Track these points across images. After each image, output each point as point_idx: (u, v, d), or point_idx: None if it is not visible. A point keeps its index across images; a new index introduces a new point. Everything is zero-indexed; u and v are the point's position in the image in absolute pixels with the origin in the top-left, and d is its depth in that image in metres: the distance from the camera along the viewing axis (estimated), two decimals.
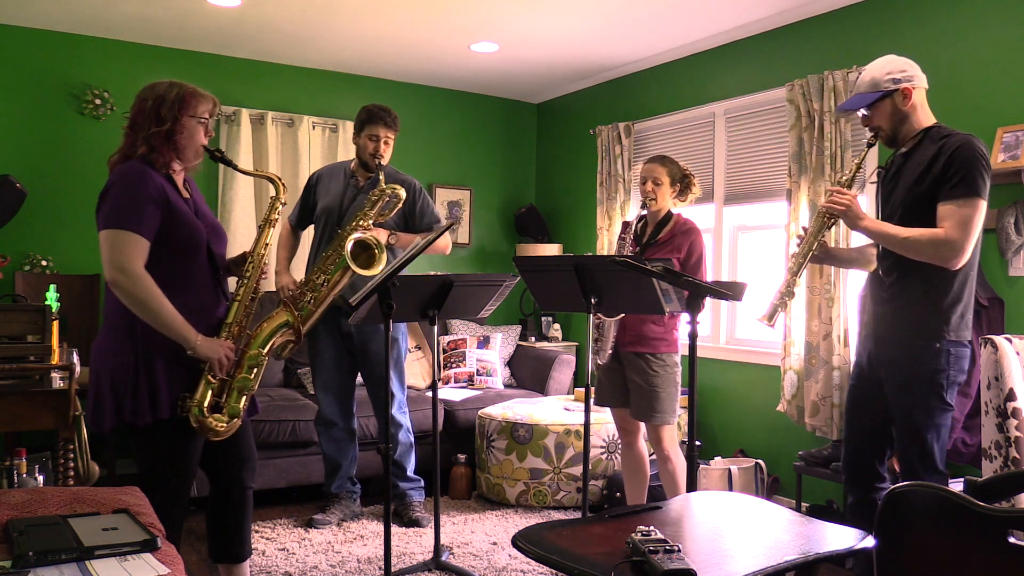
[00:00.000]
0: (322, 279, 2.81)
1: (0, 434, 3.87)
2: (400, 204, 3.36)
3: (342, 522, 3.80)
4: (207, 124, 2.37)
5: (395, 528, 3.73)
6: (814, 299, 3.87)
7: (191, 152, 2.35)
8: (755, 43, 4.40)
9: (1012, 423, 2.55)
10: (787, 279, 2.58)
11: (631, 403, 3.35)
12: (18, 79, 4.52)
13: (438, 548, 3.24)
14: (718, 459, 4.12)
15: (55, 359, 3.07)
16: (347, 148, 5.21)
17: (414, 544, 3.57)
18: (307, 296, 2.75)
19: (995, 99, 3.33)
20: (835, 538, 1.85)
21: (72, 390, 2.83)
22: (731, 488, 3.86)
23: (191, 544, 3.41)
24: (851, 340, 3.76)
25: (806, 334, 3.91)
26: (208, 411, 2.27)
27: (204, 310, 2.34)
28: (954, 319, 2.40)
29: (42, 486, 2.89)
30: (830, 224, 2.58)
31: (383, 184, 3.30)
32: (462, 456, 4.40)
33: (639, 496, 3.50)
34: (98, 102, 4.66)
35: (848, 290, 3.79)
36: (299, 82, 5.28)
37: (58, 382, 2.96)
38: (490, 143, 6.05)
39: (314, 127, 5.21)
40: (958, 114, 3.40)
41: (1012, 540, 1.45)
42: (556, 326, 5.77)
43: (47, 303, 3.20)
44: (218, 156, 2.42)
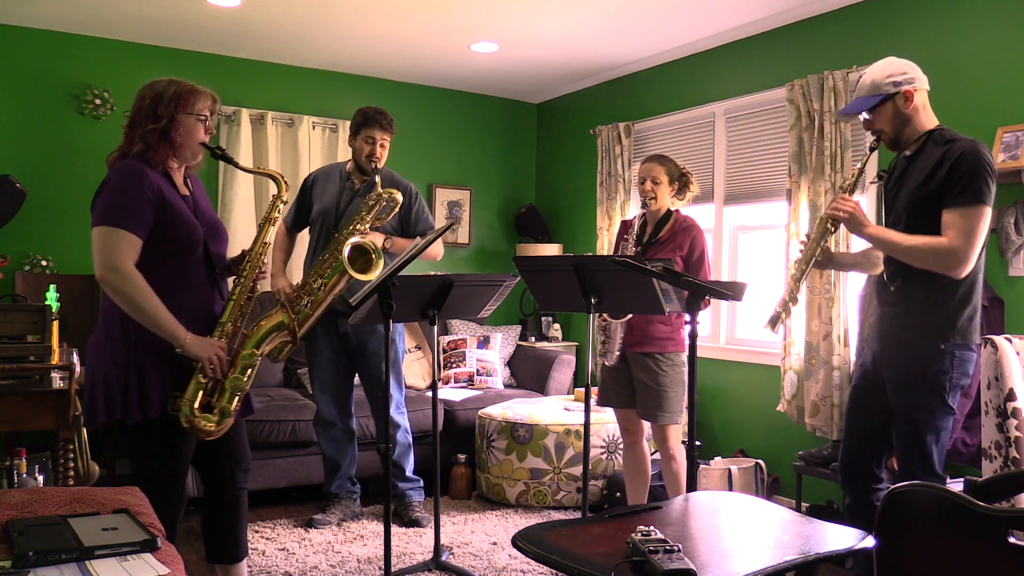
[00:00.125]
0: (319, 283, 2.80)
1: (0, 434, 3.87)
2: (397, 208, 3.36)
3: (342, 522, 3.80)
4: (206, 121, 2.35)
5: (395, 528, 3.73)
6: (814, 299, 3.87)
7: (189, 149, 2.34)
8: (755, 43, 4.40)
9: (1012, 423, 2.55)
10: (790, 286, 2.57)
11: (638, 403, 3.36)
12: (18, 79, 4.52)
13: (438, 548, 3.24)
14: (718, 459, 4.12)
15: (55, 359, 3.07)
16: (347, 148, 5.17)
17: (414, 544, 3.57)
18: (304, 300, 2.74)
19: (995, 99, 3.33)
20: (835, 538, 1.85)
21: (72, 390, 2.83)
22: (731, 488, 3.86)
23: (191, 544, 3.41)
24: (851, 340, 3.77)
25: (806, 334, 3.91)
26: (198, 411, 2.25)
27: (199, 308, 2.33)
28: (961, 322, 2.39)
29: (42, 486, 2.89)
30: (833, 230, 2.57)
31: (380, 188, 3.30)
32: (462, 456, 4.40)
33: (640, 496, 3.50)
34: (98, 102, 4.67)
35: (848, 290, 3.79)
36: (299, 82, 5.28)
37: (58, 382, 2.96)
38: (490, 143, 6.05)
39: (314, 127, 5.21)
40: (958, 114, 3.40)
41: (1012, 540, 1.45)
42: (556, 326, 5.77)
43: (47, 303, 3.20)
44: (219, 154, 2.41)
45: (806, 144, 3.92)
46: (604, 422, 4.19)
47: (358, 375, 3.84)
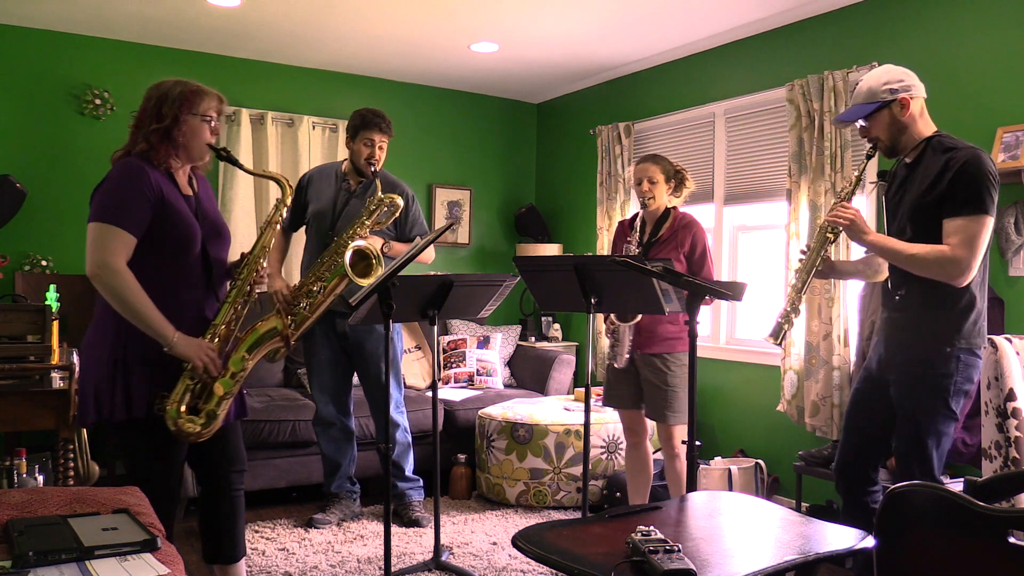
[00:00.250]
0: (318, 285, 2.80)
1: (0, 434, 3.87)
2: (397, 213, 3.36)
3: (342, 522, 3.80)
4: (211, 122, 2.35)
5: (395, 528, 3.73)
6: (814, 299, 3.87)
7: (194, 150, 2.34)
8: (755, 43, 4.40)
9: (1012, 423, 2.55)
10: (791, 296, 2.57)
11: (646, 404, 3.37)
12: (18, 79, 4.52)
13: (438, 548, 3.24)
14: (718, 459, 4.12)
15: (55, 359, 3.07)
16: (347, 149, 5.20)
17: (414, 544, 3.57)
18: (303, 303, 2.73)
19: (995, 99, 3.32)
20: (835, 538, 1.85)
21: (72, 390, 2.83)
22: (731, 488, 3.86)
23: (191, 544, 3.41)
24: (851, 340, 3.77)
25: (806, 334, 3.91)
26: (185, 412, 2.23)
27: (192, 309, 2.32)
28: (967, 326, 2.39)
29: (42, 486, 2.89)
30: (833, 239, 2.56)
31: (381, 194, 3.30)
32: (462, 456, 4.40)
33: (642, 496, 3.51)
34: (98, 102, 4.66)
35: (848, 290, 3.79)
36: (299, 82, 5.28)
37: (58, 382, 2.96)
38: (490, 143, 6.05)
39: (314, 127, 5.21)
40: (958, 114, 3.40)
41: (1012, 540, 1.45)
42: (556, 326, 5.77)
43: (47, 303, 3.21)
44: (224, 155, 2.41)
45: (806, 144, 3.92)
46: (604, 422, 4.19)
47: (357, 375, 3.83)
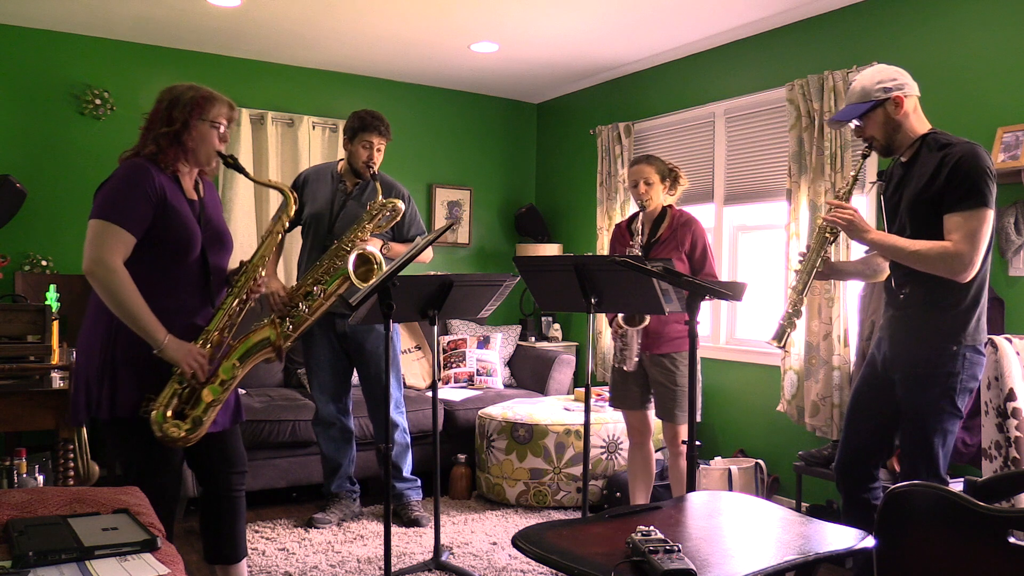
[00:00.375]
0: (317, 288, 2.80)
1: (0, 434, 3.87)
2: (398, 218, 3.36)
3: (342, 522, 3.80)
4: (220, 128, 2.36)
5: (395, 528, 3.73)
6: (814, 299, 3.86)
7: (202, 155, 2.35)
8: (755, 43, 4.40)
9: (1012, 423, 2.55)
10: (792, 299, 2.56)
11: (656, 403, 3.39)
12: (18, 79, 4.52)
13: (438, 548, 3.24)
14: (718, 459, 4.12)
15: (55, 359, 3.08)
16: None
17: (414, 544, 3.57)
18: (300, 305, 2.73)
19: (995, 99, 3.32)
20: (835, 538, 1.85)
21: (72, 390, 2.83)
22: (731, 488, 3.86)
23: (191, 544, 3.41)
24: (851, 340, 3.77)
25: (806, 334, 3.91)
26: (171, 417, 2.22)
27: (185, 313, 2.32)
28: (971, 324, 2.39)
29: (42, 486, 2.89)
30: (832, 239, 2.56)
31: (381, 199, 3.30)
32: (462, 456, 4.40)
33: (643, 496, 3.52)
34: (98, 102, 4.66)
35: (848, 290, 3.79)
36: (299, 82, 5.28)
37: (58, 382, 2.96)
38: (490, 143, 6.05)
39: (314, 127, 5.21)
40: (958, 114, 3.40)
41: (1012, 540, 1.45)
42: (556, 326, 5.78)
43: (47, 303, 3.21)
44: (231, 163, 2.41)
45: (806, 144, 3.92)
46: (604, 422, 4.19)
47: (357, 374, 3.83)
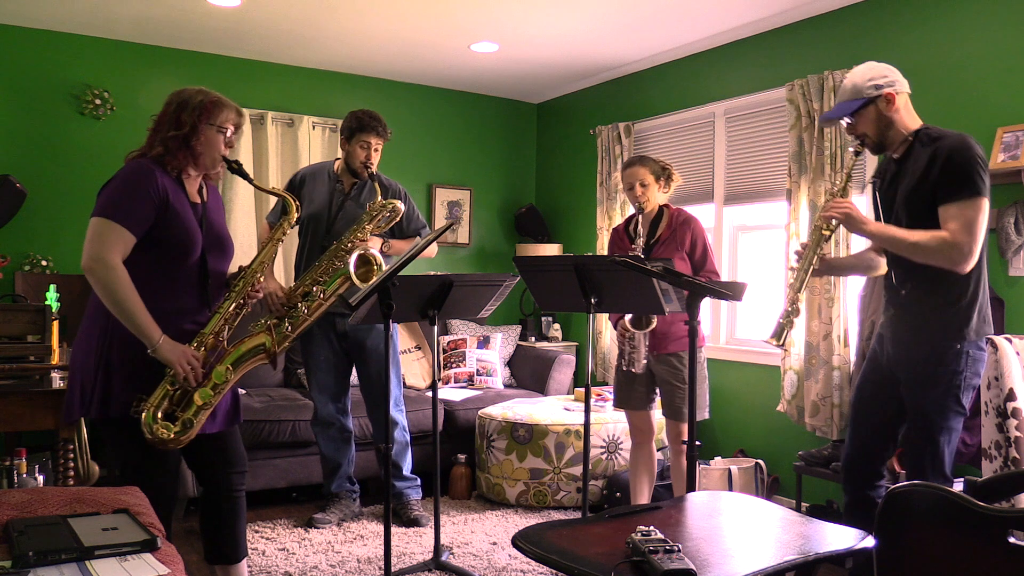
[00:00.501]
0: (317, 288, 2.80)
1: (0, 434, 3.87)
2: (398, 218, 3.37)
3: (342, 522, 3.80)
4: (227, 133, 2.36)
5: (395, 528, 3.73)
6: (814, 299, 3.87)
7: (208, 159, 2.36)
8: (755, 43, 4.40)
9: (1012, 423, 2.55)
10: (790, 296, 2.56)
11: (663, 403, 3.40)
12: (18, 79, 4.52)
13: (438, 548, 3.24)
14: (718, 459, 4.12)
15: (55, 359, 3.08)
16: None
17: (414, 544, 3.57)
18: (299, 305, 2.73)
19: (995, 99, 3.32)
20: (835, 538, 1.85)
21: None
22: (731, 488, 3.86)
23: (191, 544, 3.41)
24: (851, 340, 3.76)
25: (806, 334, 3.91)
26: (160, 418, 2.22)
27: (181, 316, 2.32)
28: (974, 319, 2.40)
29: (42, 486, 2.89)
30: (828, 236, 2.57)
31: (380, 199, 3.30)
32: (462, 456, 4.40)
33: (645, 497, 3.52)
34: (98, 102, 4.66)
35: (848, 290, 3.79)
36: (299, 82, 5.27)
37: (58, 382, 2.96)
38: (490, 143, 6.05)
39: (314, 127, 5.21)
40: (958, 114, 3.40)
41: (1012, 540, 1.45)
42: (556, 326, 5.77)
43: (47, 303, 3.21)
44: (235, 168, 2.42)
45: (806, 144, 3.92)
46: (604, 422, 4.19)
47: (357, 373, 3.83)
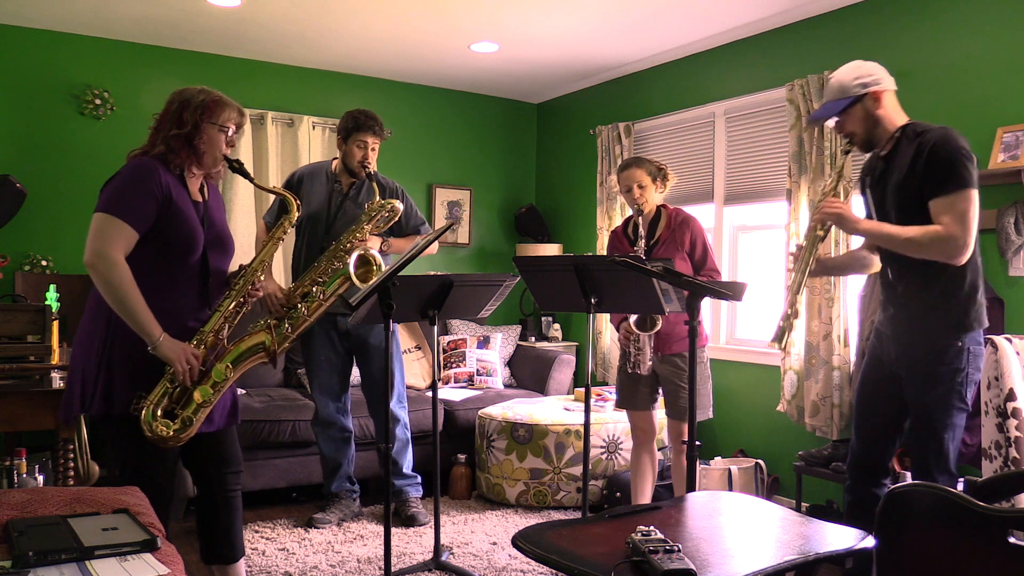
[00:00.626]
0: (316, 289, 2.80)
1: (0, 434, 3.87)
2: (396, 218, 3.37)
3: (342, 522, 3.80)
4: (229, 132, 2.37)
5: (395, 528, 3.73)
6: (814, 299, 3.87)
7: (209, 158, 2.36)
8: (755, 43, 4.40)
9: (1012, 423, 2.55)
10: (789, 299, 2.57)
11: (667, 403, 3.40)
12: (18, 79, 4.52)
13: (438, 548, 3.24)
14: (718, 459, 4.12)
15: (55, 359, 3.08)
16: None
17: (414, 544, 3.57)
18: (299, 306, 2.73)
19: (995, 99, 3.32)
20: (835, 538, 1.85)
21: None
22: (731, 488, 3.86)
23: (191, 544, 3.41)
24: (851, 340, 3.76)
25: (806, 334, 3.91)
26: (160, 415, 2.22)
27: (181, 314, 2.32)
28: (972, 314, 2.41)
29: (42, 486, 2.89)
30: (823, 236, 2.58)
31: (379, 199, 3.30)
32: (462, 456, 4.40)
33: (645, 497, 3.52)
34: (98, 102, 4.66)
35: (848, 290, 3.79)
36: (299, 82, 5.27)
37: (58, 382, 2.96)
38: (490, 143, 6.05)
39: (314, 127, 5.21)
40: (958, 114, 3.40)
41: (1012, 540, 1.45)
42: (556, 326, 5.77)
43: (47, 303, 3.21)
44: (236, 167, 2.42)
45: (806, 144, 3.92)
46: (604, 422, 4.19)
47: (359, 370, 3.83)
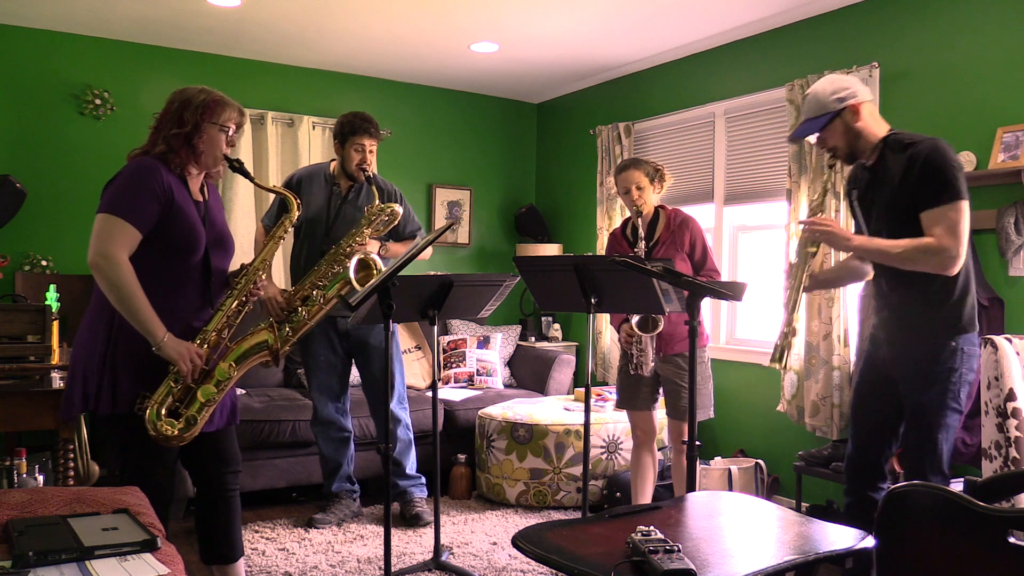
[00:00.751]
0: (316, 292, 2.80)
1: (0, 434, 3.87)
2: (395, 222, 3.37)
3: (342, 522, 3.80)
4: (229, 132, 2.37)
5: (395, 528, 3.73)
6: (814, 299, 3.87)
7: (210, 158, 2.36)
8: (755, 43, 4.40)
9: (1012, 423, 2.55)
10: (786, 317, 2.57)
11: (668, 403, 3.40)
12: (18, 79, 4.52)
13: (438, 548, 3.24)
14: (718, 459, 4.12)
15: (55, 359, 3.08)
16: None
17: (414, 544, 3.57)
18: (300, 309, 2.73)
19: (995, 99, 3.32)
20: (835, 538, 1.85)
21: None
22: (731, 488, 3.86)
23: (191, 544, 3.41)
24: (851, 340, 3.76)
25: (806, 334, 3.91)
26: (164, 415, 2.23)
27: (184, 313, 2.33)
28: (965, 315, 2.42)
29: (42, 486, 2.89)
30: (814, 253, 2.58)
31: (379, 203, 3.29)
32: (462, 456, 4.40)
33: (645, 497, 3.52)
34: (98, 102, 4.66)
35: (848, 290, 3.78)
36: (299, 82, 5.27)
37: (58, 382, 2.96)
38: (490, 143, 6.05)
39: (314, 127, 5.20)
40: (958, 114, 3.40)
41: (1012, 540, 1.45)
42: (556, 326, 5.77)
43: (47, 303, 3.21)
44: (236, 167, 2.42)
45: (806, 144, 3.91)
46: (604, 422, 4.19)
47: (359, 371, 3.83)
